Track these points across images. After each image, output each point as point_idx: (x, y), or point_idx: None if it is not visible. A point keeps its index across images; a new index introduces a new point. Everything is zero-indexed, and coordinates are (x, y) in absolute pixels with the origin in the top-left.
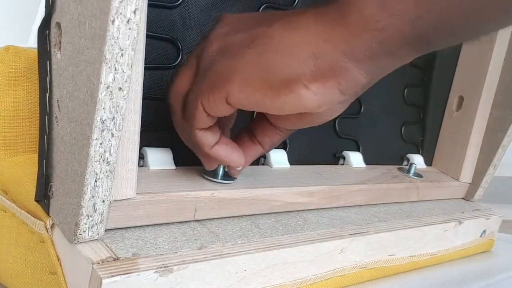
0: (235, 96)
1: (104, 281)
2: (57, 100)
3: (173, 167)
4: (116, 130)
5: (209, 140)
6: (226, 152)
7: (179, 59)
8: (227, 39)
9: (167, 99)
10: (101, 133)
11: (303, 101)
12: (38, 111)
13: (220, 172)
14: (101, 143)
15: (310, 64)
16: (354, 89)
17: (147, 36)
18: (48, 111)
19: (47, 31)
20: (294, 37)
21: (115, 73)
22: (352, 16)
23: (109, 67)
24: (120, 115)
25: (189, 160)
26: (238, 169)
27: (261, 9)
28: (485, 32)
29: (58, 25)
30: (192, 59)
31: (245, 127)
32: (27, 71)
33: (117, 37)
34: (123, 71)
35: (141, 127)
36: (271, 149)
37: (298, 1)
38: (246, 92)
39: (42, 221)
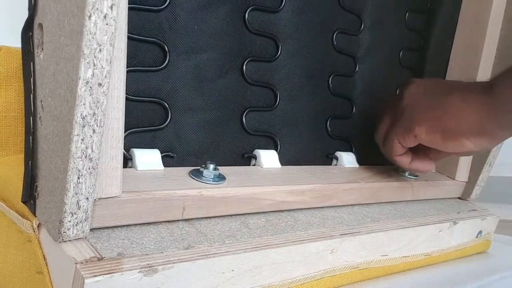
0: (422, 136)
1: (86, 281)
2: (41, 100)
3: (162, 167)
4: (97, 126)
5: (404, 161)
6: (421, 164)
7: (166, 62)
8: (417, 99)
9: (374, 135)
10: (82, 129)
11: (464, 147)
12: None
13: (208, 174)
14: (82, 139)
15: (476, 129)
16: (497, 143)
17: (134, 39)
18: (32, 111)
19: (30, 33)
20: (467, 109)
21: (94, 69)
22: (503, 106)
23: (87, 62)
24: (101, 110)
25: (177, 161)
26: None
27: (248, 11)
28: None
29: (40, 26)
30: (388, 111)
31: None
32: (19, 71)
33: (95, 32)
34: (102, 66)
35: (129, 128)
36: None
37: (284, 3)
38: (429, 135)
39: (29, 220)
